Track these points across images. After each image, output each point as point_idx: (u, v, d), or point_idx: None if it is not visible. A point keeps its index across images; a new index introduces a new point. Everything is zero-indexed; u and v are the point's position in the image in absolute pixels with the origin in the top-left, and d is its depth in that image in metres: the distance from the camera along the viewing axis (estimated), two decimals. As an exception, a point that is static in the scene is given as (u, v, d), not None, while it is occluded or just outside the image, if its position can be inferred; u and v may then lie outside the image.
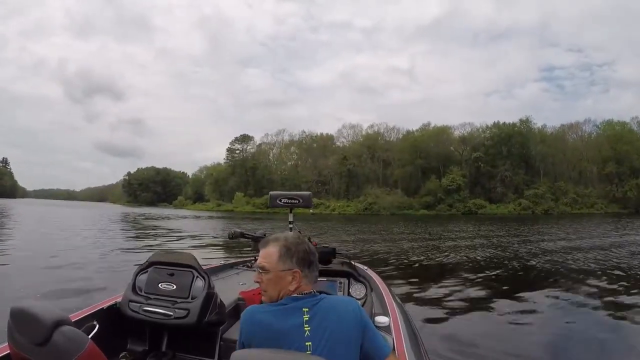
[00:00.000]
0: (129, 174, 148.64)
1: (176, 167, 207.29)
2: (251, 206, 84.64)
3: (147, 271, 2.56)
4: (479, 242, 17.80)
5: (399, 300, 3.29)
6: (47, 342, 1.47)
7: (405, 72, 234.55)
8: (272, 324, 1.42)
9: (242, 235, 4.39)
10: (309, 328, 1.42)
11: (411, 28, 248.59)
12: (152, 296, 2.43)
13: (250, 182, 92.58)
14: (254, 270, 3.59)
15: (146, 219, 36.03)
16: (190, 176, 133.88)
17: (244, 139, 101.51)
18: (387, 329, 2.28)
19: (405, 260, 10.83)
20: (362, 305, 2.27)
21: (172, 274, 2.51)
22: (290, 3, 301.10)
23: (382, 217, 60.33)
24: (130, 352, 2.54)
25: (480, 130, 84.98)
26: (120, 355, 2.45)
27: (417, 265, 10.53)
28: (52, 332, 1.47)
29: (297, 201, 4.01)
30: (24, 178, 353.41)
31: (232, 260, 4.63)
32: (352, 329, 1.45)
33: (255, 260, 4.27)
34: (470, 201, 74.64)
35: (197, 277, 2.48)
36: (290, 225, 4.11)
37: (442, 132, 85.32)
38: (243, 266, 4.43)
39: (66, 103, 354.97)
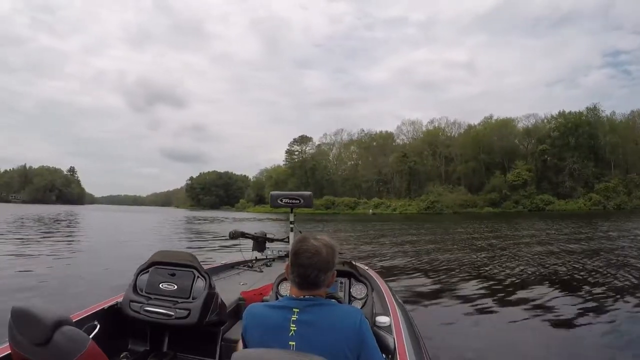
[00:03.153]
0: (191, 178, 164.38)
1: (240, 170, 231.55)
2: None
3: (148, 271, 2.73)
4: (528, 240, 17.79)
5: (400, 300, 3.48)
6: (48, 342, 1.55)
7: (464, 65, 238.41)
8: (263, 318, 1.57)
9: (243, 235, 4.86)
10: (294, 328, 1.50)
11: (467, 19, 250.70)
12: (153, 296, 2.60)
13: (309, 183, 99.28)
14: (255, 271, 4.37)
15: (203, 222, 38.90)
16: (251, 179, 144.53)
17: (303, 140, 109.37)
18: (388, 329, 2.39)
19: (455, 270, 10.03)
20: (363, 306, 2.57)
21: (173, 274, 2.68)
22: (343, 2, 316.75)
23: (444, 216, 62.14)
24: (132, 352, 2.70)
25: (545, 121, 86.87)
26: (122, 355, 2.60)
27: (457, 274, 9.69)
28: (53, 332, 1.56)
29: (298, 201, 4.39)
30: (92, 185, 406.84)
31: (233, 261, 4.88)
32: (343, 343, 1.48)
33: (256, 260, 4.87)
34: (537, 197, 75.60)
35: (198, 277, 2.66)
36: (292, 226, 4.49)
37: (505, 125, 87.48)
38: (244, 266, 4.70)
39: (129, 112, 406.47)
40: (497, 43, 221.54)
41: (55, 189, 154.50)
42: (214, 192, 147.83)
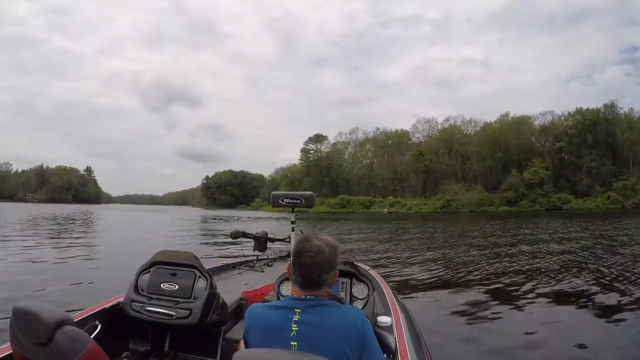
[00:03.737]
0: (207, 178, 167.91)
1: (256, 169, 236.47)
2: (326, 206, 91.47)
3: (149, 271, 2.76)
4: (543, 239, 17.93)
5: (401, 301, 3.55)
6: (49, 342, 1.56)
7: (479, 63, 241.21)
8: (265, 317, 1.59)
9: (245, 234, 4.96)
10: (296, 328, 1.52)
11: (482, 16, 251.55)
12: (154, 296, 2.63)
13: (324, 181, 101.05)
14: (256, 270, 4.43)
15: (217, 221, 39.66)
16: (267, 178, 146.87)
17: (318, 138, 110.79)
18: (389, 329, 2.42)
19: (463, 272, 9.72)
20: (364, 306, 2.59)
21: (174, 274, 2.70)
22: (358, 0, 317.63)
23: (460, 215, 62.51)
24: (133, 352, 2.72)
25: (562, 118, 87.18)
26: (123, 355, 2.63)
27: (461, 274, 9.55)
28: (54, 332, 1.56)
29: (299, 201, 4.35)
30: (109, 185, 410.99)
31: (235, 260, 4.93)
32: (345, 344, 1.50)
33: (258, 260, 4.99)
34: (555, 196, 75.98)
35: (200, 277, 2.69)
36: (293, 225, 4.54)
37: (522, 122, 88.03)
38: (245, 266, 4.75)
39: (145, 113, 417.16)
40: (512, 40, 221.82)
41: (72, 188, 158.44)
42: (230, 191, 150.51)
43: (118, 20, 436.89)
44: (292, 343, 1.50)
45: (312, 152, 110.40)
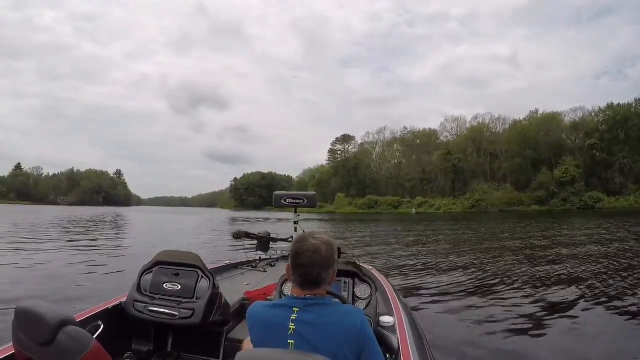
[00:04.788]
0: (235, 179, 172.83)
1: (284, 170, 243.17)
2: (353, 207, 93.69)
3: (152, 271, 2.80)
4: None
5: (404, 300, 3.56)
6: (51, 342, 1.57)
7: (507, 60, 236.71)
8: (263, 316, 1.62)
9: (247, 235, 5.13)
10: (294, 327, 1.54)
11: (508, 12, 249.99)
12: (157, 296, 2.67)
13: (352, 182, 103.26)
14: (259, 271, 4.61)
15: (244, 222, 40.41)
16: (295, 179, 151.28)
17: (345, 139, 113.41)
18: (392, 329, 2.44)
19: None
20: (367, 306, 2.59)
21: (177, 274, 2.75)
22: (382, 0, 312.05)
23: (489, 215, 62.03)
24: (135, 352, 2.72)
25: (593, 114, 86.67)
26: (125, 356, 2.60)
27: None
28: (56, 332, 1.58)
29: (302, 201, 4.62)
30: (139, 187, 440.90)
31: (237, 261, 5.05)
32: (343, 344, 1.50)
33: (260, 260, 5.13)
34: (587, 194, 75.22)
35: (202, 277, 2.73)
36: (295, 225, 4.74)
37: (552, 119, 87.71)
38: (248, 266, 4.86)
39: (173, 115, 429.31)
40: (540, 36, 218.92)
41: (102, 191, 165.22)
42: (258, 192, 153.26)
43: (144, 25, 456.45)
44: (289, 341, 1.53)
45: (339, 152, 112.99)
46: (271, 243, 5.31)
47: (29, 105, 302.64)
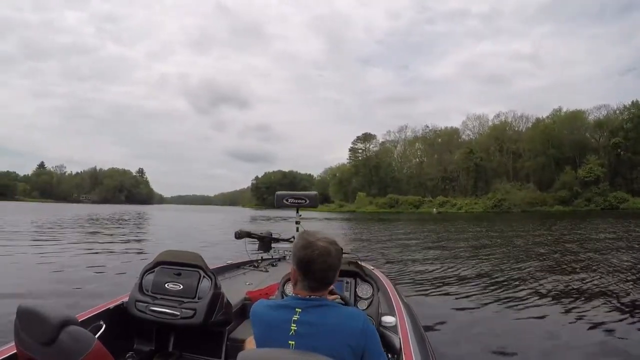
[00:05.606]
0: (256, 178, 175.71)
1: (306, 169, 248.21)
2: (374, 206, 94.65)
3: (153, 271, 2.83)
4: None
5: (405, 301, 3.58)
6: (53, 342, 1.60)
7: (530, 57, 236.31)
8: (266, 316, 1.63)
9: (249, 235, 5.10)
10: (295, 327, 1.55)
11: (530, 8, 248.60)
12: (158, 296, 2.70)
13: (373, 181, 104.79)
14: (261, 271, 4.68)
15: (263, 220, 40.91)
16: (316, 178, 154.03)
17: (366, 137, 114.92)
18: (393, 329, 2.47)
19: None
20: (368, 306, 2.64)
21: (178, 274, 2.78)
22: None
23: (512, 215, 61.67)
24: (137, 352, 2.81)
25: (618, 112, 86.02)
26: (127, 355, 2.71)
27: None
28: (58, 332, 1.61)
29: (304, 201, 4.67)
30: (162, 186, 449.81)
31: (239, 260, 5.08)
32: (344, 345, 1.52)
33: (262, 260, 5.19)
34: (611, 194, 74.97)
35: (204, 277, 2.76)
36: (297, 225, 4.80)
37: (575, 117, 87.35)
38: (249, 266, 4.91)
39: (195, 114, 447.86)
40: (563, 32, 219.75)
41: (125, 189, 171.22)
42: (279, 191, 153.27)
43: (166, 26, 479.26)
44: (290, 342, 1.54)
45: (360, 151, 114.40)
46: (273, 243, 5.45)
47: (52, 105, 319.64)
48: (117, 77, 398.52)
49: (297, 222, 5.07)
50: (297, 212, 5.07)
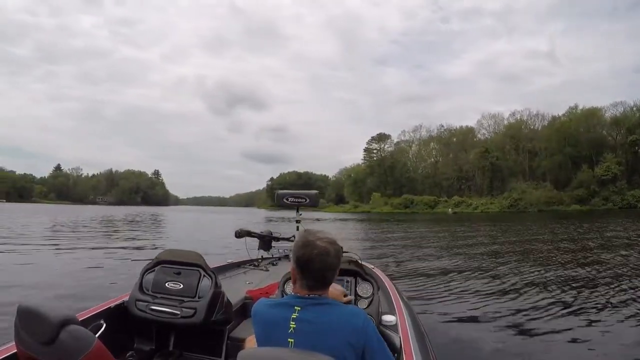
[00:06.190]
0: (272, 179, 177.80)
1: (322, 170, 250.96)
2: (389, 206, 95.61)
3: (154, 270, 2.85)
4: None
5: (406, 299, 3.62)
6: (53, 341, 1.61)
7: (545, 54, 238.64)
8: (266, 314, 1.66)
9: (249, 234, 5.14)
10: (294, 325, 1.58)
11: (544, 5, 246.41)
12: (159, 295, 2.72)
13: (388, 181, 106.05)
14: (261, 270, 4.69)
15: (277, 221, 41.02)
16: (331, 178, 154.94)
17: (381, 137, 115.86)
18: (394, 327, 2.51)
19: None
20: (369, 305, 2.67)
21: (179, 273, 2.80)
22: None
23: (528, 214, 62.03)
24: (137, 351, 2.82)
25: (635, 109, 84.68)
26: (128, 354, 2.73)
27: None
28: (59, 331, 1.62)
29: (304, 200, 4.67)
30: (177, 187, 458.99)
31: (239, 259, 5.10)
32: (344, 344, 1.53)
33: (262, 259, 5.23)
34: (629, 193, 74.23)
35: (204, 276, 2.78)
36: (297, 224, 4.82)
37: (592, 115, 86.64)
38: (250, 265, 4.93)
39: (210, 116, 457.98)
40: (578, 29, 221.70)
41: (140, 191, 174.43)
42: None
43: (180, 28, 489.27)
44: (289, 340, 1.57)
45: (375, 151, 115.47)
46: (273, 242, 5.46)
47: (68, 107, 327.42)
48: (132, 79, 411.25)
49: (297, 221, 5.09)
50: (297, 211, 5.06)
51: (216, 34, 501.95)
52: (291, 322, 1.59)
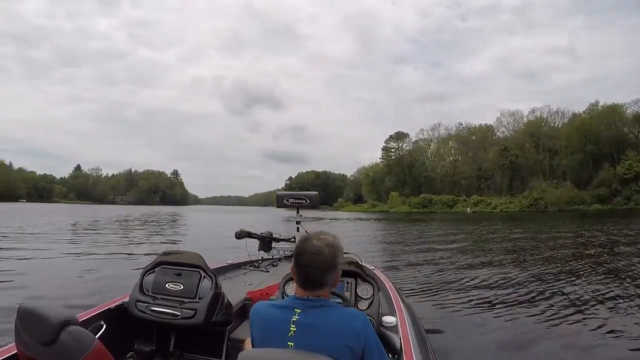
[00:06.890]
0: (290, 178, 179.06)
1: (341, 169, 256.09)
2: (407, 206, 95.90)
3: (154, 271, 2.88)
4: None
5: (406, 301, 3.67)
6: (54, 342, 1.63)
7: (565, 50, 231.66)
8: (265, 316, 1.68)
9: (249, 235, 5.20)
10: (294, 328, 1.59)
11: (564, 0, 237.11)
12: (159, 296, 2.74)
13: (406, 180, 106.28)
14: (261, 271, 4.74)
15: (292, 221, 42.88)
16: (349, 177, 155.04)
17: (399, 136, 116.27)
18: (394, 329, 2.51)
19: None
20: (369, 306, 2.67)
21: (179, 274, 2.82)
22: None
23: (548, 214, 61.44)
24: (138, 352, 2.86)
25: None
26: (128, 355, 2.77)
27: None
28: (59, 332, 1.63)
29: (304, 201, 4.73)
30: (197, 187, 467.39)
31: (239, 260, 5.12)
32: (343, 347, 1.55)
33: (262, 260, 5.24)
34: None
35: (204, 277, 2.80)
36: (298, 225, 4.88)
37: (613, 112, 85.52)
38: (250, 266, 4.96)
39: (229, 116, 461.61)
40: (598, 24, 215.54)
41: (159, 191, 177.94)
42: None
43: (197, 29, 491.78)
44: (289, 343, 1.58)
45: (393, 150, 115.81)
46: (273, 243, 5.48)
47: (87, 109, 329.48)
48: (150, 81, 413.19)
49: (297, 222, 5.11)
50: (298, 212, 5.09)
51: (233, 34, 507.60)
52: (291, 325, 1.62)
